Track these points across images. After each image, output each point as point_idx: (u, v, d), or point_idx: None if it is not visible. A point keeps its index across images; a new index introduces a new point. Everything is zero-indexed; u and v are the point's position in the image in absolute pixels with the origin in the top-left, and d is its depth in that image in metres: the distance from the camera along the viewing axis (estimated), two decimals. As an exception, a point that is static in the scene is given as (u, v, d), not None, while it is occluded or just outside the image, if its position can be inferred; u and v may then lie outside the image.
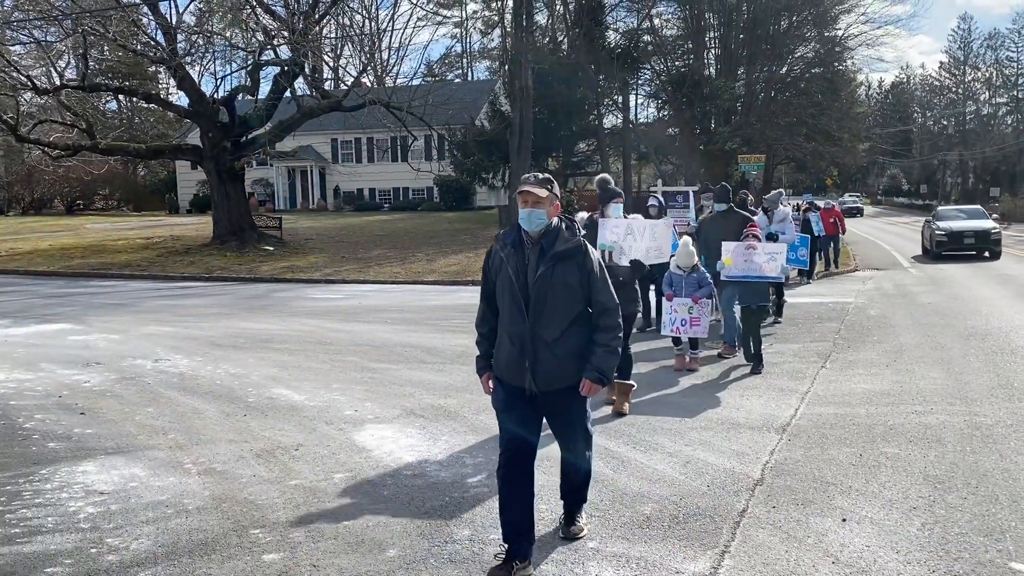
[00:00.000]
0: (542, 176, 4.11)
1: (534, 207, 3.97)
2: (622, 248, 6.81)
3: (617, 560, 4.12)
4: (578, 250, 3.98)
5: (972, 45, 78.58)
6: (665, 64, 40.54)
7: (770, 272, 8.39)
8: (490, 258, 4.13)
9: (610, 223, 6.95)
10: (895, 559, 4.06)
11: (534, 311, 3.92)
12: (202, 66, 26.15)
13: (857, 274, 20.56)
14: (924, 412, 6.80)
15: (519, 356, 3.97)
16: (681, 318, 8.46)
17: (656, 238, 7.07)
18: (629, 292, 6.61)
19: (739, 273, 8.43)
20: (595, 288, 4.01)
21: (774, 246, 8.75)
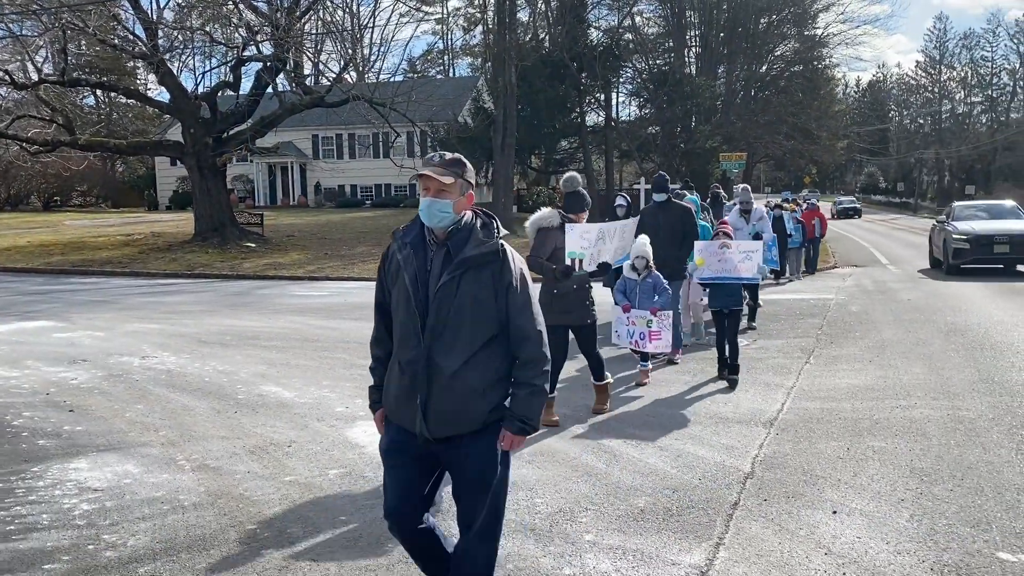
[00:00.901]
0: (449, 156, 3.21)
1: (436, 196, 3.10)
2: (592, 256, 6.37)
3: (614, 552, 4.18)
4: (494, 256, 3.09)
5: (948, 45, 79.60)
6: (647, 62, 40.72)
7: (745, 272, 7.81)
8: (386, 261, 3.26)
9: (579, 228, 6.31)
10: (886, 550, 4.15)
11: (432, 331, 3.04)
12: (181, 62, 25.95)
13: (837, 271, 20.81)
14: (908, 406, 6.92)
15: (410, 389, 3.08)
16: (640, 331, 7.60)
17: (625, 237, 6.82)
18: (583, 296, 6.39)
19: (712, 275, 7.86)
20: (514, 308, 3.10)
21: (749, 244, 8.12)
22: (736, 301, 7.98)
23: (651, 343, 7.52)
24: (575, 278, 6.31)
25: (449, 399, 3.05)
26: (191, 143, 24.13)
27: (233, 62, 24.57)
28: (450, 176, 3.12)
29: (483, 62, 41.97)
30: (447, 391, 3.04)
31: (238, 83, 24.85)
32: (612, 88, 40.39)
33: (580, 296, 6.44)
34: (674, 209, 8.98)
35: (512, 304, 3.10)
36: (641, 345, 7.59)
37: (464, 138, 35.65)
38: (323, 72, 26.62)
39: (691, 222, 8.94)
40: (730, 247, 7.82)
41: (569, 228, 6.24)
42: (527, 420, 3.13)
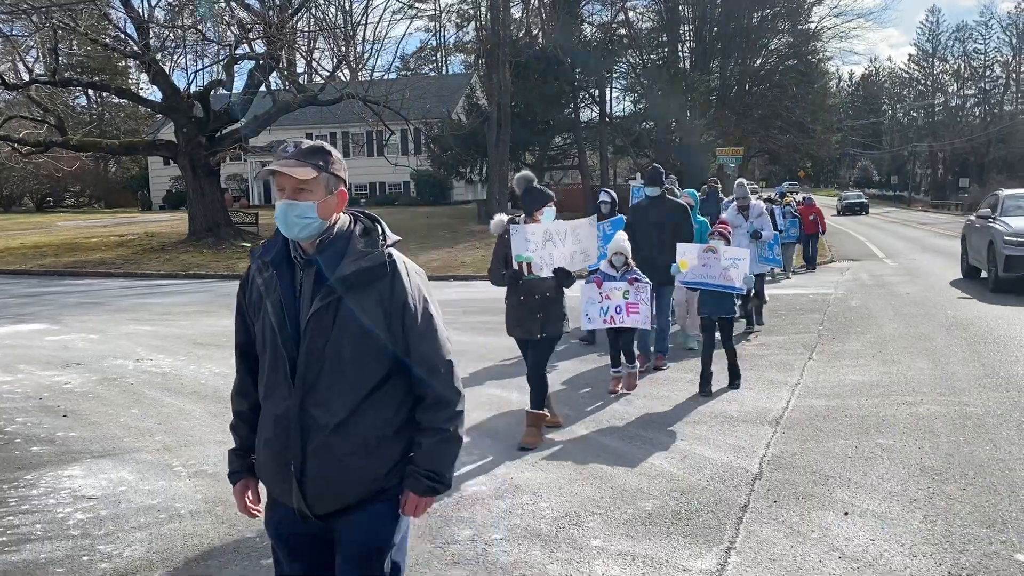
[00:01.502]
0: (308, 145, 2.42)
1: (294, 197, 2.35)
2: (544, 259, 5.79)
3: (623, 559, 4.08)
4: (380, 271, 2.37)
5: (940, 38, 79.60)
6: (640, 57, 40.59)
7: (734, 280, 7.11)
8: (244, 289, 2.53)
9: (523, 231, 5.70)
10: (901, 552, 4.06)
11: (305, 375, 2.33)
12: (174, 61, 25.73)
13: (834, 265, 20.74)
14: (915, 403, 6.83)
15: (280, 453, 2.38)
16: (615, 304, 7.02)
17: (581, 239, 6.06)
18: (555, 310, 5.86)
19: (695, 279, 7.29)
20: (413, 335, 2.39)
21: (736, 251, 7.34)
22: (727, 309, 7.32)
23: (629, 316, 7.01)
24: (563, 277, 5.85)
25: (330, 463, 2.34)
26: (184, 142, 23.95)
27: (225, 60, 24.40)
28: (310, 169, 2.36)
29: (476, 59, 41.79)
30: (327, 453, 2.34)
31: (231, 82, 24.67)
32: (606, 83, 40.26)
33: (553, 307, 5.89)
34: (668, 205, 8.36)
35: (410, 330, 2.39)
36: (618, 320, 7.02)
37: (458, 135, 35.52)
38: (316, 70, 26.46)
39: (687, 219, 8.45)
40: (716, 252, 7.15)
41: (513, 230, 5.71)
42: (437, 476, 2.41)
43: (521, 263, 5.71)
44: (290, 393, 2.35)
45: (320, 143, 2.44)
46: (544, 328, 5.85)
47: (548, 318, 5.85)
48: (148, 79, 24.82)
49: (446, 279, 18.34)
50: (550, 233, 5.82)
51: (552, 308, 5.86)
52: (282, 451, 2.37)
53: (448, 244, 24.23)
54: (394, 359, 2.40)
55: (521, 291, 5.85)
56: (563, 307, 5.97)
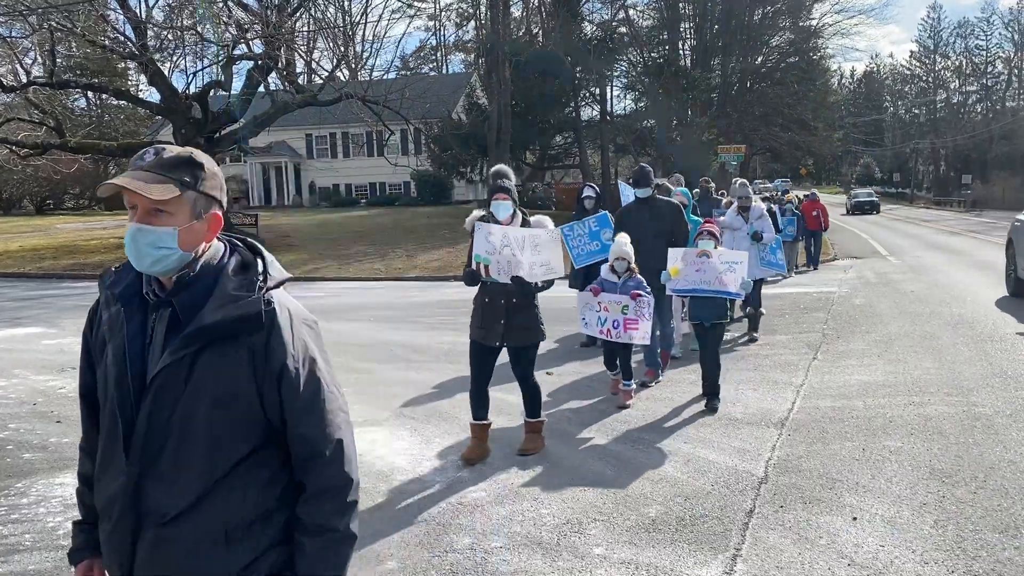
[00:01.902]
0: (171, 154, 1.87)
1: (147, 221, 1.83)
2: (501, 265, 5.31)
3: (626, 567, 3.97)
4: (254, 321, 1.85)
5: (942, 34, 79.46)
6: (641, 55, 40.46)
7: (729, 286, 6.61)
8: (93, 319, 2.03)
9: (485, 230, 5.36)
10: (912, 559, 3.94)
11: (143, 448, 1.83)
12: (172, 62, 25.63)
13: (837, 263, 20.61)
14: (922, 403, 6.72)
15: (110, 542, 1.89)
16: (613, 319, 6.54)
17: (540, 250, 5.38)
18: (521, 319, 5.41)
19: (688, 286, 6.74)
20: (293, 407, 1.90)
21: (733, 254, 6.87)
22: (720, 314, 6.84)
23: (626, 332, 6.49)
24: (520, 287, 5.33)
25: (167, 561, 1.83)
26: (183, 144, 23.62)
27: (224, 61, 24.30)
28: (171, 185, 1.82)
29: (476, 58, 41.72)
30: (166, 547, 1.82)
31: (229, 82, 24.57)
32: (607, 82, 40.13)
33: (518, 315, 5.42)
34: (660, 207, 7.68)
35: (289, 402, 1.88)
36: (615, 335, 6.55)
37: (458, 135, 35.42)
38: (315, 70, 26.37)
39: (681, 220, 7.76)
40: (711, 255, 6.62)
41: (477, 227, 5.37)
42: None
43: (479, 264, 5.35)
44: (123, 465, 1.82)
45: (190, 152, 1.89)
46: (505, 337, 5.42)
47: (511, 327, 5.41)
48: (146, 80, 24.70)
49: (446, 279, 18.26)
50: (508, 238, 5.32)
51: (517, 316, 5.41)
52: (112, 545, 1.87)
53: (448, 244, 24.10)
54: (265, 431, 1.89)
55: (488, 292, 5.48)
56: (533, 317, 5.47)
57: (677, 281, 6.77)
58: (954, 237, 28.11)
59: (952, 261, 19.08)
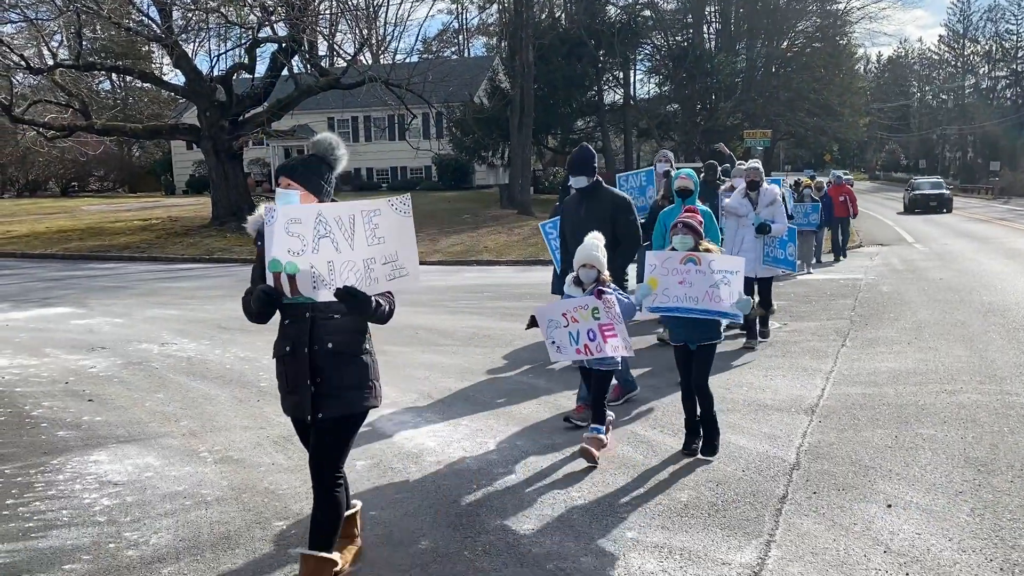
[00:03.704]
0: None
1: None
2: (317, 271, 3.24)
3: (659, 551, 3.95)
4: None
5: (972, 18, 78.12)
6: (665, 39, 40.11)
7: (724, 303, 5.02)
8: None
9: (285, 214, 3.24)
10: (949, 547, 3.90)
11: None
12: (197, 44, 25.72)
13: (862, 250, 20.39)
14: (954, 391, 6.64)
15: None
16: (587, 329, 4.97)
17: (384, 237, 3.35)
18: (347, 371, 3.48)
19: (670, 303, 5.11)
20: None
21: (729, 260, 5.20)
22: (711, 333, 5.24)
23: (607, 343, 4.96)
24: (354, 304, 3.26)
25: None
26: (207, 127, 23.96)
27: (248, 44, 24.34)
28: None
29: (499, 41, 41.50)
30: None
31: (253, 65, 24.63)
32: (630, 66, 39.86)
33: (343, 366, 3.47)
34: (602, 199, 6.34)
35: None
36: (593, 348, 5.00)
37: (480, 119, 35.31)
38: (338, 53, 26.36)
39: (628, 216, 6.35)
40: (699, 262, 5.05)
41: (268, 215, 3.21)
42: None
43: (279, 274, 3.23)
44: None
45: None
46: (322, 404, 3.46)
47: (330, 385, 3.45)
48: (171, 63, 24.81)
49: (468, 264, 18.27)
50: (326, 221, 3.27)
51: (342, 368, 3.46)
52: None
53: (470, 229, 24.12)
54: None
55: (290, 334, 3.49)
56: (362, 369, 3.52)
57: (656, 296, 5.14)
58: (982, 224, 27.74)
59: (980, 249, 18.83)
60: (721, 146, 13.67)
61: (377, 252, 3.34)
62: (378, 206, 3.38)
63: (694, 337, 5.24)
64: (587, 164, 6.30)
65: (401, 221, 3.39)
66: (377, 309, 3.38)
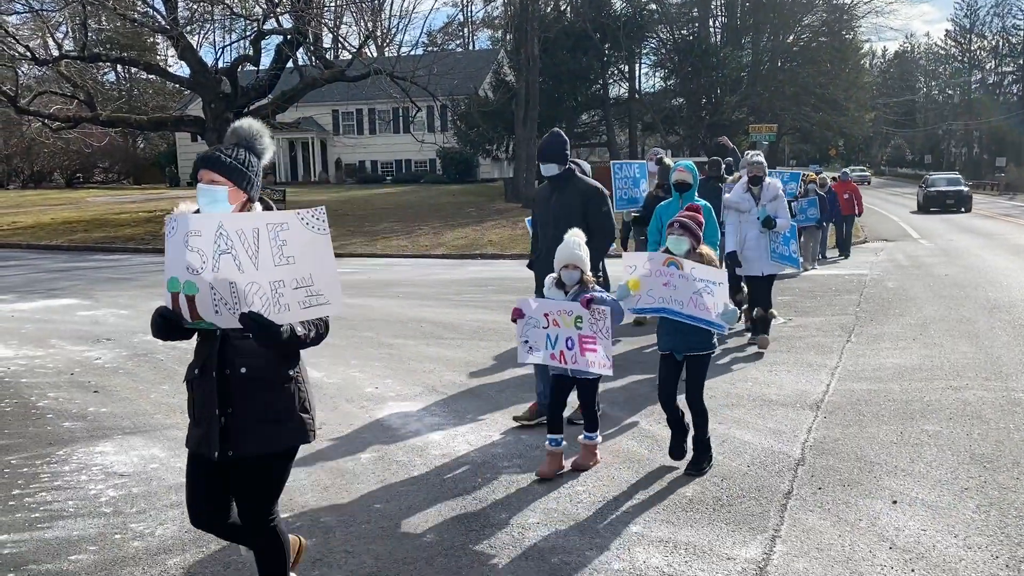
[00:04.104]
0: None
1: None
2: (218, 294, 2.81)
3: (664, 546, 3.96)
4: None
5: (979, 13, 77.82)
6: (671, 32, 39.99)
7: (709, 311, 4.65)
8: None
9: (184, 225, 2.84)
10: (955, 544, 3.90)
11: None
12: (202, 36, 25.74)
13: (867, 245, 20.35)
14: (960, 388, 6.63)
15: None
16: (566, 336, 4.71)
17: (295, 255, 2.83)
18: (278, 398, 2.97)
19: (654, 304, 4.80)
20: None
21: (710, 271, 4.68)
22: (701, 343, 4.85)
23: (584, 355, 4.68)
24: (263, 334, 2.78)
25: None
26: (212, 118, 23.96)
27: (253, 35, 24.33)
28: None
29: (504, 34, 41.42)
30: None
31: (258, 57, 24.63)
32: (636, 59, 39.79)
33: (265, 392, 2.95)
34: (574, 190, 5.87)
35: None
36: (568, 359, 4.72)
37: (485, 112, 35.27)
38: (343, 45, 26.31)
39: (601, 207, 5.89)
40: (683, 267, 4.68)
41: (170, 227, 2.85)
42: None
43: (177, 295, 2.86)
44: None
45: None
46: (231, 440, 2.93)
47: (242, 417, 2.94)
48: (176, 54, 24.83)
49: (472, 257, 18.27)
50: (227, 235, 2.80)
51: (257, 396, 2.94)
52: None
53: (474, 222, 24.11)
54: None
55: (201, 354, 3.04)
56: (286, 399, 2.99)
57: (638, 297, 4.81)
58: (988, 220, 27.66)
59: (986, 245, 18.79)
60: (724, 139, 13.18)
61: (286, 274, 2.82)
62: (286, 219, 2.84)
63: (683, 346, 4.87)
64: (558, 151, 5.86)
65: (314, 239, 2.85)
66: (293, 339, 2.84)
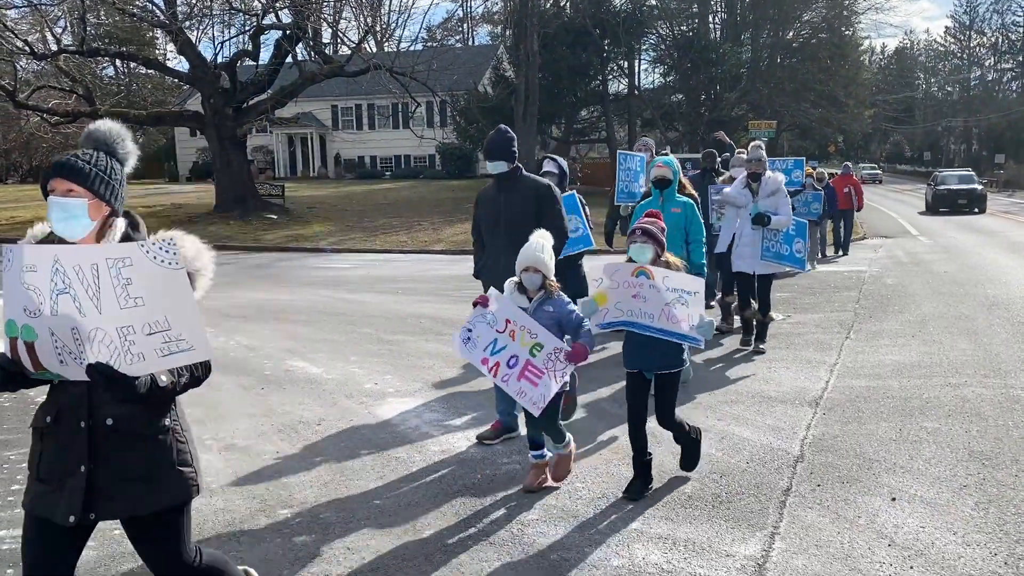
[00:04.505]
0: None
1: None
2: (60, 342, 2.38)
3: (663, 542, 3.96)
4: None
5: (978, 9, 77.65)
6: (671, 28, 39.93)
7: (681, 324, 4.25)
8: None
9: (19, 258, 2.39)
10: (953, 541, 3.90)
11: None
12: (201, 31, 25.64)
13: (866, 242, 20.35)
14: (959, 385, 6.63)
15: None
16: (511, 354, 4.29)
17: (142, 296, 2.34)
18: (153, 452, 2.58)
19: (622, 318, 4.39)
20: None
21: (685, 280, 4.29)
22: (670, 360, 4.45)
23: (519, 382, 4.27)
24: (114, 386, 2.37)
25: None
26: (211, 114, 23.92)
27: (252, 30, 24.28)
28: None
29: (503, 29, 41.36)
30: None
31: (257, 52, 24.58)
32: (635, 55, 39.74)
33: (137, 445, 2.56)
34: (524, 189, 5.48)
35: None
36: (499, 377, 4.31)
37: (484, 107, 35.23)
38: (343, 40, 26.27)
39: (552, 210, 5.47)
40: (654, 277, 4.26)
41: (5, 255, 2.43)
42: None
43: (15, 340, 2.41)
44: None
45: None
46: (95, 502, 2.53)
47: (107, 476, 2.54)
48: (175, 49, 24.76)
49: (471, 253, 18.22)
50: (63, 271, 2.35)
51: (126, 452, 2.56)
52: None
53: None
54: None
55: (58, 399, 2.59)
56: (160, 451, 2.61)
57: (606, 311, 4.41)
58: (987, 217, 27.64)
59: (985, 242, 18.79)
60: (721, 134, 12.75)
61: (135, 318, 2.33)
62: (128, 253, 2.33)
63: (652, 363, 4.46)
64: (506, 147, 5.40)
65: (166, 275, 2.34)
66: (156, 391, 2.44)
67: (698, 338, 4.29)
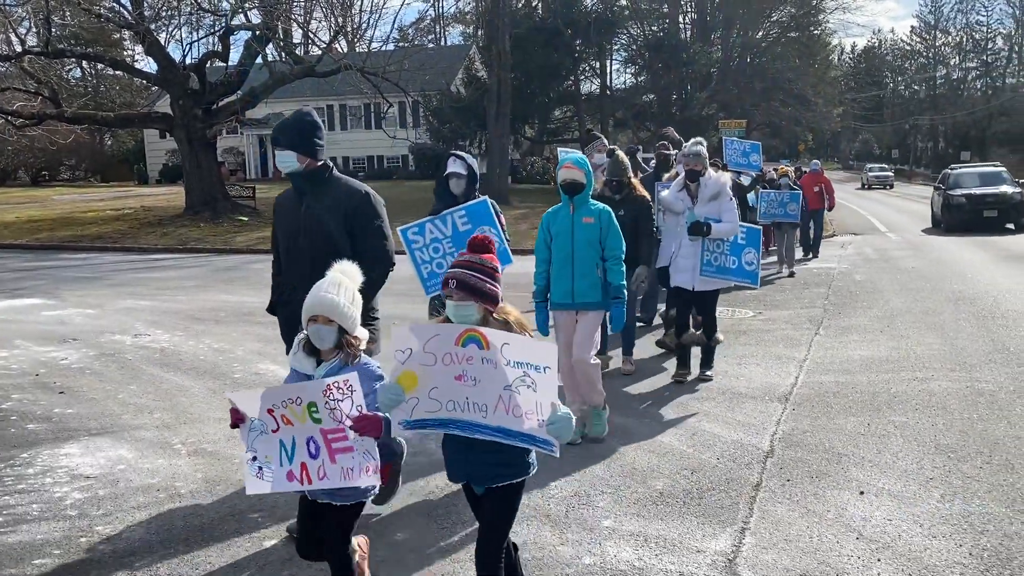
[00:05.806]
0: None
1: None
2: None
3: (635, 539, 3.98)
4: None
5: (943, 9, 78.77)
6: (642, 29, 40.12)
7: (529, 420, 2.78)
8: None
9: None
10: (920, 533, 3.95)
11: None
12: (168, 32, 25.36)
13: (836, 239, 20.56)
14: (926, 379, 6.72)
15: None
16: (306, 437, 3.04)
17: None
18: None
19: (440, 415, 2.94)
20: None
21: (534, 349, 2.79)
22: (507, 468, 2.98)
23: (335, 463, 3.01)
24: None
25: None
26: (180, 115, 23.64)
27: (221, 31, 24.04)
28: None
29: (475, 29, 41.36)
30: None
31: (227, 53, 24.32)
32: (607, 55, 39.89)
33: None
34: (334, 192, 4.23)
35: None
36: (315, 472, 3.05)
37: (457, 107, 35.19)
38: (313, 41, 26.08)
39: (372, 224, 4.30)
40: (488, 344, 2.80)
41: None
42: None
43: None
44: None
45: None
46: None
47: None
48: (143, 50, 24.47)
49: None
50: None
51: None
52: None
53: (447, 218, 24.00)
54: None
55: None
56: None
57: (415, 401, 2.92)
58: None
59: (952, 238, 19.06)
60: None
61: None
62: None
63: (480, 474, 3.02)
64: (298, 134, 4.03)
65: None
66: None
67: (551, 441, 2.79)
